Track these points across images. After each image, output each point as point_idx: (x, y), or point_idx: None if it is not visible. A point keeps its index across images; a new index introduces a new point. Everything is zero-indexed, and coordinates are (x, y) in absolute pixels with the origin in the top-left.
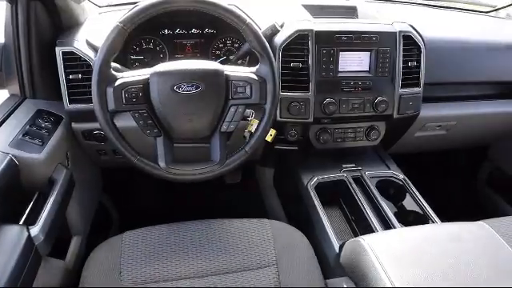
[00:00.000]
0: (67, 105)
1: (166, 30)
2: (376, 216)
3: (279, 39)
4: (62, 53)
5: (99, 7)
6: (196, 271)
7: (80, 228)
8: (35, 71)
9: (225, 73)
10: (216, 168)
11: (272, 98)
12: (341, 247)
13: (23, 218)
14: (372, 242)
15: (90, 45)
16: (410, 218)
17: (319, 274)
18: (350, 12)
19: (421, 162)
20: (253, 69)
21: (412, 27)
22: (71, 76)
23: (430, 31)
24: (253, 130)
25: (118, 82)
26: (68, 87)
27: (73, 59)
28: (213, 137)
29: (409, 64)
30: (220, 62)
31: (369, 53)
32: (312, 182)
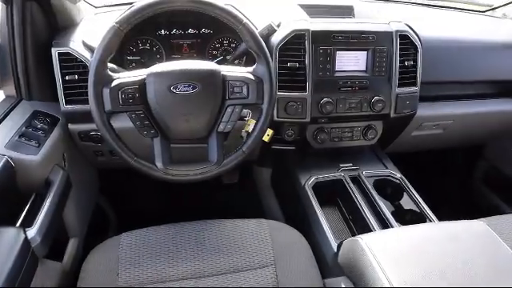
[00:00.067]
0: (63, 106)
1: (163, 31)
2: (373, 215)
3: (276, 39)
4: (58, 53)
5: (95, 7)
6: (194, 272)
7: (77, 230)
8: (31, 72)
9: (221, 73)
10: (213, 168)
11: (269, 98)
12: (338, 247)
13: (20, 220)
14: (370, 242)
15: (86, 45)
16: (408, 217)
17: (317, 274)
18: (347, 11)
19: (418, 161)
20: (249, 69)
21: (408, 26)
22: (67, 77)
23: (427, 30)
24: (250, 130)
25: (115, 83)
26: (64, 88)
27: (69, 60)
28: (210, 137)
29: (405, 63)
30: (217, 62)
31: (365, 52)
32: (309, 182)
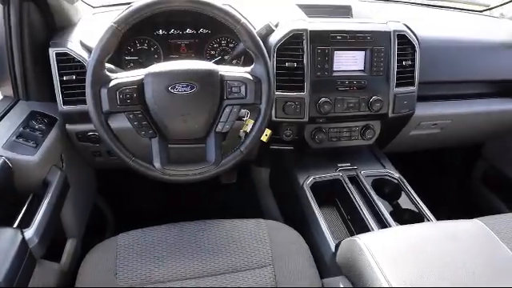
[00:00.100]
0: (61, 106)
1: (161, 31)
2: (372, 215)
3: (274, 39)
4: (56, 54)
5: (93, 7)
6: (192, 272)
7: (75, 230)
8: (28, 72)
9: (219, 73)
10: (211, 168)
11: (267, 98)
12: (337, 246)
13: (17, 221)
14: (368, 241)
15: (84, 45)
16: (406, 217)
17: (315, 274)
18: (345, 11)
19: (416, 161)
20: (247, 69)
21: (406, 26)
22: (65, 77)
23: (425, 30)
24: (248, 130)
25: (113, 83)
26: (62, 88)
27: (66, 60)
28: (208, 137)
29: (403, 63)
30: (215, 62)
31: (363, 52)
32: (308, 182)
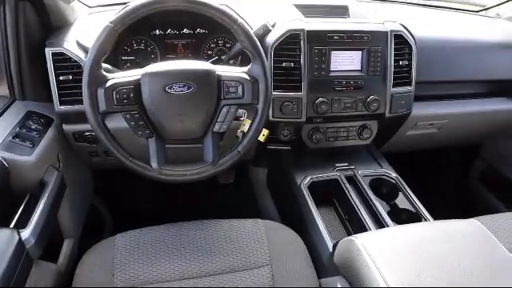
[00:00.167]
0: (58, 106)
1: (157, 31)
2: (369, 215)
3: (271, 39)
4: (52, 54)
5: (89, 7)
6: (190, 272)
7: (72, 230)
8: (24, 72)
9: (216, 73)
10: (209, 168)
11: (264, 98)
12: (334, 246)
13: (14, 221)
14: (365, 241)
15: (81, 45)
16: (403, 217)
17: (313, 274)
18: (342, 12)
19: (413, 161)
20: (245, 69)
21: (403, 26)
22: (61, 77)
23: (422, 30)
24: (245, 130)
25: (109, 83)
26: (58, 88)
27: (63, 60)
28: (205, 137)
29: (400, 63)
30: (212, 62)
31: (360, 52)
32: (305, 182)
